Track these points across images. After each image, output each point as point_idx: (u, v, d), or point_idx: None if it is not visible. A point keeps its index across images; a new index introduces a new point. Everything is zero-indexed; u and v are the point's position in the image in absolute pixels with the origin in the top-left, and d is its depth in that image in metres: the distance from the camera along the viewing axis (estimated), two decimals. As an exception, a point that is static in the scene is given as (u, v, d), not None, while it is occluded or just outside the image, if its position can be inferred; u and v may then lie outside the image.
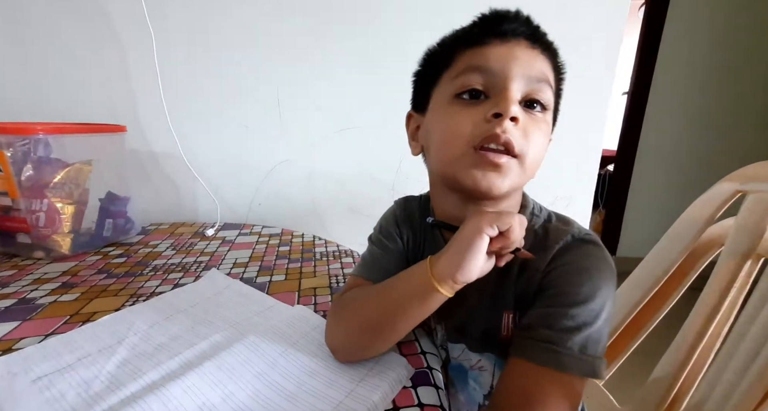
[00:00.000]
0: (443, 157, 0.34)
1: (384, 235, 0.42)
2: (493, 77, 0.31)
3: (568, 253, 0.33)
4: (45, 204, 0.60)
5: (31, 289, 0.50)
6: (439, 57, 0.36)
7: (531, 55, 0.32)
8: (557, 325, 0.29)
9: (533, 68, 0.32)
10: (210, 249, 0.67)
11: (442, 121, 0.34)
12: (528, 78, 0.32)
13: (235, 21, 0.80)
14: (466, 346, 0.39)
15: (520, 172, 0.32)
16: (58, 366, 0.34)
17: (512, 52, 0.32)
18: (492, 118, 0.30)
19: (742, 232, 0.50)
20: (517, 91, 0.31)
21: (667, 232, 0.61)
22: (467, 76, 0.32)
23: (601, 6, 0.86)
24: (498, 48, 0.32)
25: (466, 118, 0.32)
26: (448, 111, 0.33)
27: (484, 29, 0.33)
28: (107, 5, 0.77)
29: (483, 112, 0.31)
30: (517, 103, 0.31)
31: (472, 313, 0.37)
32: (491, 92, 0.32)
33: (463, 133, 0.32)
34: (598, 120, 0.92)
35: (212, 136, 0.86)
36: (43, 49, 0.78)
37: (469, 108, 0.32)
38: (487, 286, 0.35)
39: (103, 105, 0.81)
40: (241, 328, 0.41)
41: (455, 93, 0.33)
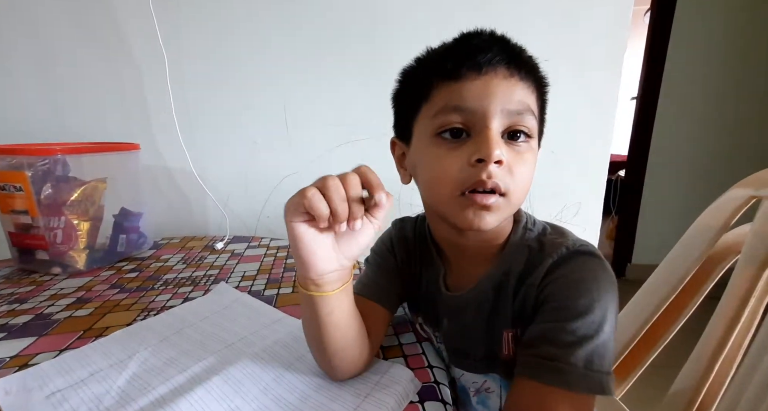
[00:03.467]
0: (433, 197, 0.35)
1: (378, 254, 0.44)
2: (472, 116, 0.31)
3: (563, 266, 0.32)
4: (62, 221, 0.62)
5: (48, 304, 0.52)
6: (416, 86, 0.35)
7: (509, 86, 0.31)
8: (558, 340, 0.29)
9: (512, 100, 0.31)
10: (219, 262, 0.68)
11: (427, 162, 0.34)
12: (508, 112, 0.31)
13: (242, 41, 0.83)
14: (470, 368, 0.39)
15: (509, 207, 0.32)
16: (71, 381, 0.35)
17: (489, 88, 0.31)
18: (476, 162, 0.30)
19: (759, 240, 0.49)
20: (497, 128, 0.31)
21: (680, 239, 0.60)
22: (446, 115, 0.31)
23: (604, 13, 0.86)
24: (474, 83, 0.31)
25: (451, 162, 0.31)
26: (432, 152, 0.33)
27: (458, 62, 0.31)
28: (123, 28, 0.80)
29: (467, 155, 0.31)
30: (499, 144, 0.30)
31: (470, 335, 0.37)
32: (472, 131, 0.31)
33: (449, 178, 0.31)
34: (606, 126, 0.92)
35: (222, 152, 0.88)
36: (62, 73, 0.82)
37: (452, 150, 0.32)
38: (483, 305, 0.36)
39: (119, 124, 0.84)
40: (248, 341, 0.41)
41: (436, 131, 0.32)
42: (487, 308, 0.36)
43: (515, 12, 0.86)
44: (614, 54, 0.87)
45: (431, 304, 0.41)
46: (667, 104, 1.92)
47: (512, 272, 0.35)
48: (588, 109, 0.90)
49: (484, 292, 0.36)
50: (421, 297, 0.43)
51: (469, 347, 0.38)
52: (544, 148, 0.38)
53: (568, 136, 0.90)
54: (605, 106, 0.90)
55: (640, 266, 2.06)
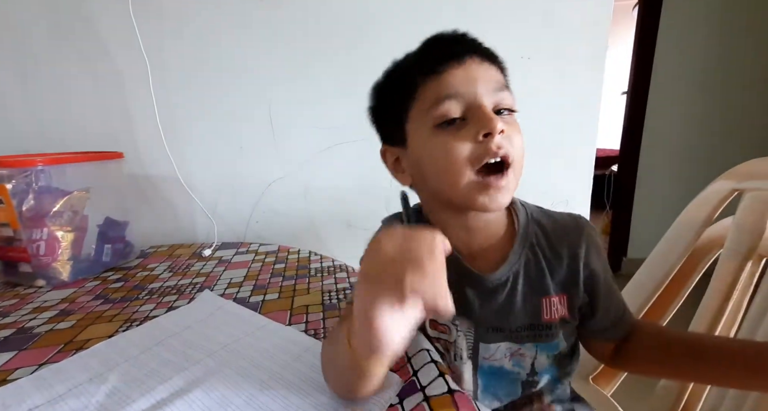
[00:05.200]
0: (448, 183, 0.36)
1: None
2: (465, 101, 0.34)
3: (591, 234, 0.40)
4: (45, 233, 0.62)
5: (29, 318, 0.51)
6: (398, 90, 0.37)
7: (486, 69, 0.35)
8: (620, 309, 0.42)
9: (492, 81, 0.35)
10: (206, 270, 0.68)
11: (434, 153, 0.35)
12: (492, 92, 0.35)
13: (225, 46, 0.83)
14: (505, 339, 0.40)
15: (515, 180, 0.35)
16: (49, 397, 0.34)
17: (471, 73, 0.34)
18: (483, 138, 0.33)
19: (741, 232, 0.49)
20: (489, 104, 0.34)
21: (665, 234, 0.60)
22: (442, 106, 0.34)
23: (586, 9, 0.86)
24: (457, 71, 0.34)
25: (460, 145, 0.34)
26: (437, 142, 0.35)
27: (439, 55, 0.35)
28: (103, 36, 0.80)
29: (471, 134, 0.33)
30: (497, 118, 0.33)
31: (507, 310, 0.39)
32: (467, 114, 0.34)
33: (462, 158, 0.34)
34: (591, 122, 0.92)
35: (208, 158, 0.87)
36: (43, 83, 0.81)
37: (456, 134, 0.34)
38: (518, 279, 0.39)
39: (102, 133, 0.84)
40: (231, 350, 0.41)
41: (436, 123, 0.34)
42: (523, 282, 0.39)
43: (497, 10, 0.86)
44: (596, 49, 0.88)
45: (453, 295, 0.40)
46: (658, 98, 1.93)
47: (539, 246, 0.40)
48: (572, 105, 0.90)
49: (516, 268, 0.39)
50: None
51: (505, 321, 0.39)
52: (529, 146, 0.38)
53: (552, 133, 0.90)
54: (589, 102, 0.91)
55: (635, 260, 2.06)
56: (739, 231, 0.49)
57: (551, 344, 0.40)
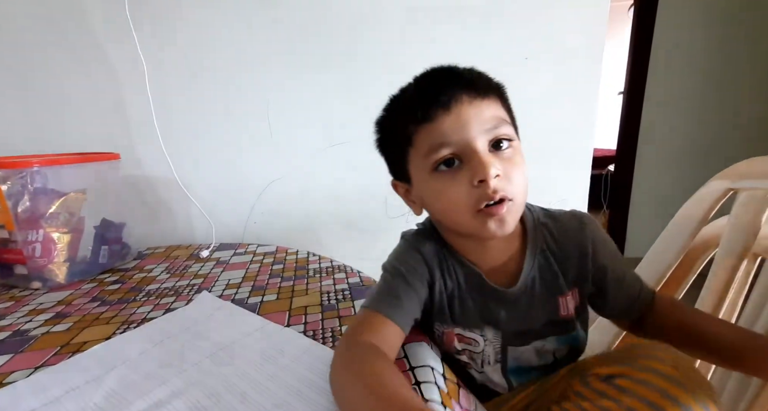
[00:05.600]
0: (452, 221, 0.39)
1: (407, 270, 0.40)
2: (458, 147, 0.35)
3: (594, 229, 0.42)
4: (41, 234, 0.61)
5: (25, 320, 0.50)
6: (397, 135, 0.39)
7: (477, 109, 0.35)
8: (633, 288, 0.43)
9: (485, 119, 0.35)
10: (204, 271, 0.67)
11: (435, 194, 0.38)
12: (485, 130, 0.35)
13: (222, 46, 0.83)
14: (531, 340, 0.42)
15: (518, 207, 0.37)
16: (45, 400, 0.34)
17: (461, 118, 0.35)
18: (479, 183, 0.34)
19: (736, 232, 0.49)
20: (483, 148, 0.35)
21: (662, 233, 0.60)
22: (436, 153, 0.35)
23: (582, 10, 0.87)
24: (448, 119, 0.35)
25: (457, 190, 0.35)
26: (436, 185, 0.37)
27: (426, 105, 0.35)
28: (99, 37, 0.79)
29: (467, 179, 0.35)
30: (491, 161, 0.34)
31: (530, 315, 0.41)
32: (463, 158, 0.35)
33: (460, 202, 0.36)
34: (588, 122, 0.92)
35: (206, 159, 0.87)
36: (39, 84, 0.80)
37: (453, 178, 0.36)
38: (536, 285, 0.41)
39: (99, 134, 0.83)
40: (230, 351, 0.41)
41: (432, 168, 0.36)
42: (539, 286, 0.41)
43: (495, 11, 0.86)
44: (593, 49, 0.88)
45: (477, 307, 0.41)
46: (654, 98, 1.94)
47: (549, 249, 0.42)
48: (569, 104, 0.91)
49: (532, 275, 0.41)
50: (455, 308, 0.42)
51: (529, 324, 0.41)
52: (526, 146, 0.39)
53: (550, 132, 0.90)
54: (586, 102, 0.91)
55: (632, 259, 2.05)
56: (734, 230, 0.50)
57: (571, 336, 0.42)
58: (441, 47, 0.86)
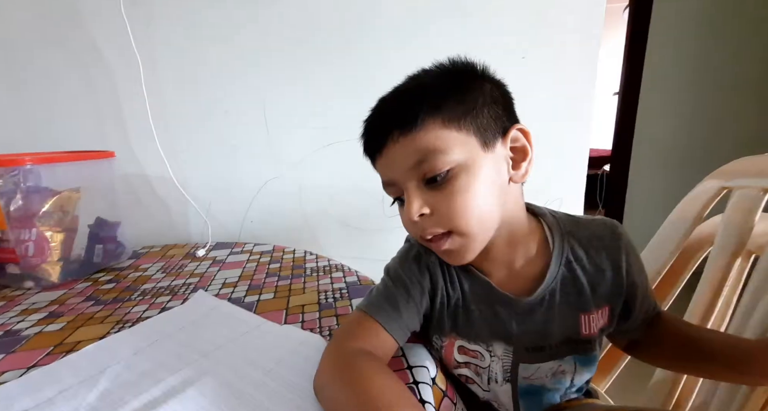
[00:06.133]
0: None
1: (410, 279, 0.39)
2: (396, 185, 0.36)
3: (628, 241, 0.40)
4: (34, 233, 0.60)
5: (17, 320, 0.50)
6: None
7: (403, 148, 0.34)
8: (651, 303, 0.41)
9: (412, 156, 0.34)
10: (200, 270, 0.67)
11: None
12: (414, 168, 0.34)
13: (219, 44, 0.82)
14: (545, 359, 0.39)
15: (469, 238, 0.35)
16: (38, 400, 0.34)
17: (390, 161, 0.35)
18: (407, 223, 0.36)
19: (730, 230, 0.50)
20: (412, 186, 0.35)
21: (657, 232, 0.61)
22: (386, 187, 0.38)
23: (578, 12, 0.87)
24: (382, 161, 0.36)
25: (404, 222, 0.38)
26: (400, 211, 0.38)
27: (367, 148, 0.37)
28: (93, 33, 0.78)
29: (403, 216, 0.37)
30: (416, 202, 0.34)
31: (546, 329, 0.38)
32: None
33: (410, 231, 0.38)
34: (584, 121, 0.93)
35: (202, 157, 0.86)
36: (34, 82, 0.79)
37: (401, 210, 0.38)
38: (555, 297, 0.38)
39: (93, 132, 0.82)
40: (227, 350, 0.40)
41: (393, 198, 0.39)
42: (560, 300, 0.38)
43: (491, 11, 0.86)
44: (589, 49, 0.89)
45: (483, 318, 0.39)
46: (649, 99, 1.96)
47: (576, 261, 0.38)
48: (565, 105, 0.91)
49: (552, 287, 0.38)
50: (459, 319, 0.40)
51: (544, 340, 0.38)
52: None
53: (546, 132, 0.91)
54: (582, 102, 0.92)
55: (626, 258, 2.08)
56: (728, 228, 0.50)
57: (590, 357, 0.40)
58: (438, 47, 0.86)
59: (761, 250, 0.45)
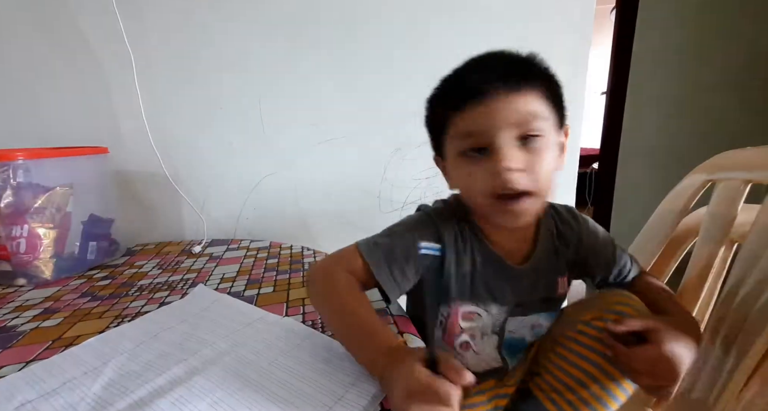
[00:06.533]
0: (471, 203, 0.42)
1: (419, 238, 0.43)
2: (483, 138, 0.36)
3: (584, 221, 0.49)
4: (25, 230, 0.59)
5: (11, 317, 0.49)
6: (436, 118, 0.42)
7: (509, 103, 0.35)
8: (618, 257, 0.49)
9: (516, 112, 0.35)
10: (197, 266, 0.67)
11: (458, 177, 0.41)
12: (515, 124, 0.36)
13: (214, 39, 0.82)
14: (528, 313, 0.47)
15: (538, 201, 0.38)
16: (41, 391, 0.33)
17: (491, 111, 0.35)
18: (498, 175, 0.36)
19: (714, 220, 0.52)
20: (508, 141, 0.36)
21: (645, 224, 0.63)
22: (462, 141, 0.38)
23: (569, 12, 0.89)
24: (478, 109, 0.36)
25: (477, 177, 0.37)
26: (460, 168, 0.40)
27: (461, 94, 0.37)
28: (85, 28, 0.77)
29: (487, 168, 0.36)
30: (512, 156, 0.35)
31: (532, 290, 0.46)
32: (491, 148, 0.36)
33: (478, 188, 0.38)
34: (574, 120, 0.95)
35: (196, 153, 0.86)
36: (22, 75, 0.78)
37: (476, 164, 0.38)
38: (543, 265, 0.46)
39: (85, 128, 0.81)
40: (230, 340, 0.41)
41: (460, 152, 0.39)
42: (545, 266, 0.46)
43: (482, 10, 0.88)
44: (579, 49, 0.91)
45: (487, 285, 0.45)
46: (635, 98, 2.01)
47: (554, 235, 0.47)
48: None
49: (540, 256, 0.46)
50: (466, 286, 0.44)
51: (530, 298, 0.46)
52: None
53: (540, 129, 0.92)
54: (572, 101, 0.93)
55: (614, 254, 2.13)
56: (712, 218, 0.52)
57: (555, 312, 0.49)
58: (433, 47, 0.87)
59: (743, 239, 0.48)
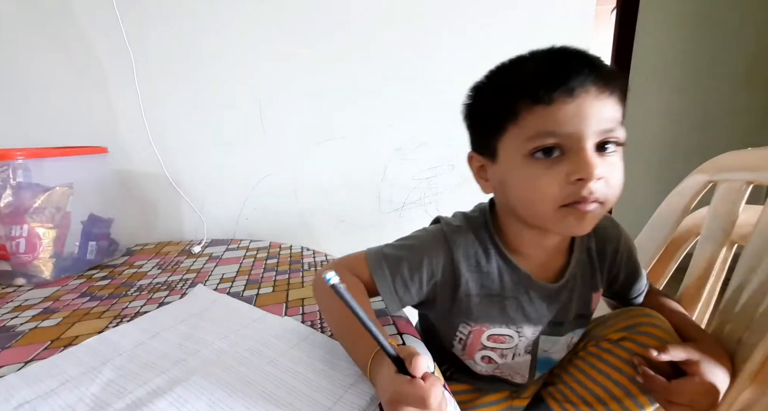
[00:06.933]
0: (531, 213, 0.36)
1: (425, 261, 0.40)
2: (568, 139, 0.32)
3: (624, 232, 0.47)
4: (25, 230, 0.59)
5: (10, 317, 0.49)
6: (500, 107, 0.35)
7: (600, 105, 0.32)
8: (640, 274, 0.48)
9: (604, 118, 0.32)
10: (196, 266, 0.66)
11: (523, 181, 0.35)
12: (601, 131, 0.32)
13: (213, 38, 0.82)
14: (563, 333, 0.44)
15: (604, 211, 0.35)
16: (40, 391, 0.33)
17: (582, 110, 0.31)
18: (576, 181, 0.32)
19: (715, 221, 0.52)
20: (591, 146, 0.32)
21: (647, 224, 0.63)
22: (540, 139, 0.32)
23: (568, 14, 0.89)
24: (567, 107, 0.31)
25: (549, 182, 0.33)
26: (528, 171, 0.34)
27: (550, 87, 0.31)
28: (85, 29, 0.77)
29: (565, 173, 0.32)
30: (597, 162, 0.31)
31: (567, 308, 0.43)
32: (566, 149, 0.32)
33: (549, 196, 0.33)
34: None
35: (196, 153, 0.86)
36: (21, 75, 0.77)
37: (548, 169, 0.33)
38: (578, 281, 0.43)
39: (84, 128, 0.81)
40: (229, 341, 0.41)
41: (530, 152, 0.33)
42: (580, 282, 0.43)
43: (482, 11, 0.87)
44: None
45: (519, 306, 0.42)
46: (634, 99, 2.00)
47: (591, 249, 0.44)
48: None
49: (575, 272, 0.43)
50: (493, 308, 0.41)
51: (564, 317, 0.43)
52: None
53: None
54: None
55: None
56: (713, 219, 0.52)
57: (585, 327, 0.46)
58: (433, 47, 0.87)
59: (744, 240, 0.48)
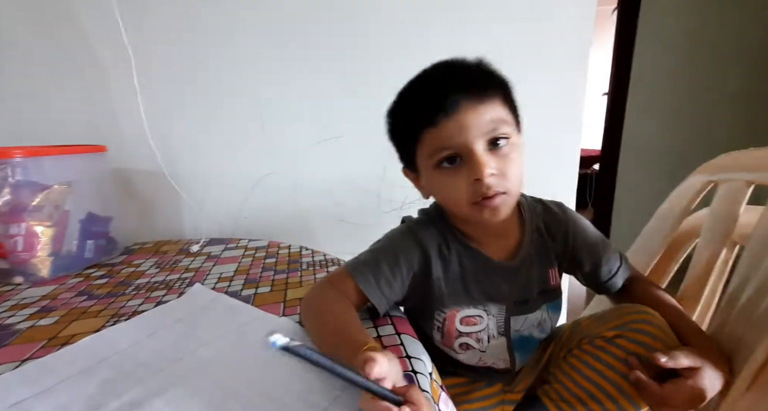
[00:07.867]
0: (453, 210, 0.44)
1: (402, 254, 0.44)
2: (459, 149, 0.38)
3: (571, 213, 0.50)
4: (23, 228, 0.59)
5: (8, 315, 0.49)
6: (406, 132, 0.42)
7: (479, 112, 0.37)
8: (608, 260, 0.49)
9: (484, 122, 0.37)
10: (195, 265, 0.66)
11: (439, 188, 0.43)
12: (484, 132, 0.38)
13: (213, 38, 0.81)
14: (530, 310, 0.47)
15: (512, 198, 0.41)
16: (35, 390, 0.33)
17: (462, 124, 0.37)
18: (475, 181, 0.38)
19: (716, 221, 0.52)
20: (481, 149, 0.38)
21: (646, 225, 0.63)
22: (438, 154, 0.39)
23: (570, 12, 0.89)
24: (450, 124, 0.37)
25: (455, 185, 0.39)
26: (440, 179, 0.41)
27: (432, 111, 0.38)
28: (85, 27, 0.77)
29: (465, 177, 0.39)
30: (487, 162, 0.37)
31: (528, 284, 0.47)
32: (463, 155, 0.39)
33: (459, 197, 0.40)
34: (575, 122, 0.95)
35: (195, 152, 0.86)
36: (21, 73, 0.77)
37: (453, 175, 0.39)
38: (533, 259, 0.47)
39: (84, 126, 0.81)
40: (226, 340, 0.40)
41: (435, 165, 0.40)
42: (535, 260, 0.47)
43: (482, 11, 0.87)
44: (580, 50, 0.90)
45: (481, 285, 0.46)
46: (636, 99, 2.00)
47: (540, 229, 0.48)
48: (557, 104, 0.93)
49: (528, 250, 0.47)
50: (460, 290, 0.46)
51: (527, 294, 0.47)
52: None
53: (539, 131, 0.92)
54: (574, 101, 0.93)
55: (615, 256, 2.12)
56: (714, 219, 0.52)
57: (558, 302, 0.50)
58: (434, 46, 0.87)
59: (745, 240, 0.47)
